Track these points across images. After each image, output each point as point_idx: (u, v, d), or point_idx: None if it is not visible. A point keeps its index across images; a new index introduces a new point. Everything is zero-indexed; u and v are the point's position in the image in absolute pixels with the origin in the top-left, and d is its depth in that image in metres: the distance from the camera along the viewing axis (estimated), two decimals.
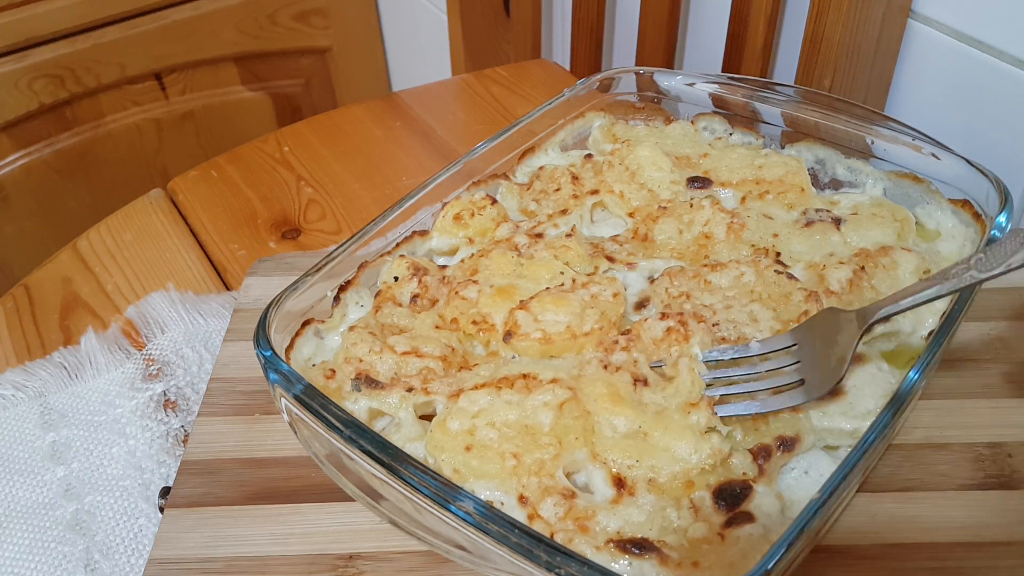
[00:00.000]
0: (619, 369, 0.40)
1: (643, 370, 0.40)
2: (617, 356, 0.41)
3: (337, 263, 0.47)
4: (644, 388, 0.40)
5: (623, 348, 0.41)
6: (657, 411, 0.39)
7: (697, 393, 0.39)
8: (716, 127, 0.60)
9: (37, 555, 0.45)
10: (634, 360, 0.41)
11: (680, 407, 0.39)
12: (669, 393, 0.39)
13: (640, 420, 0.38)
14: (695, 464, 0.37)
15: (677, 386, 0.39)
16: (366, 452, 0.35)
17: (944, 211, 0.50)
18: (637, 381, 0.40)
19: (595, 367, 0.40)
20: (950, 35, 0.62)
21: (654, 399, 0.39)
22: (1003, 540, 0.39)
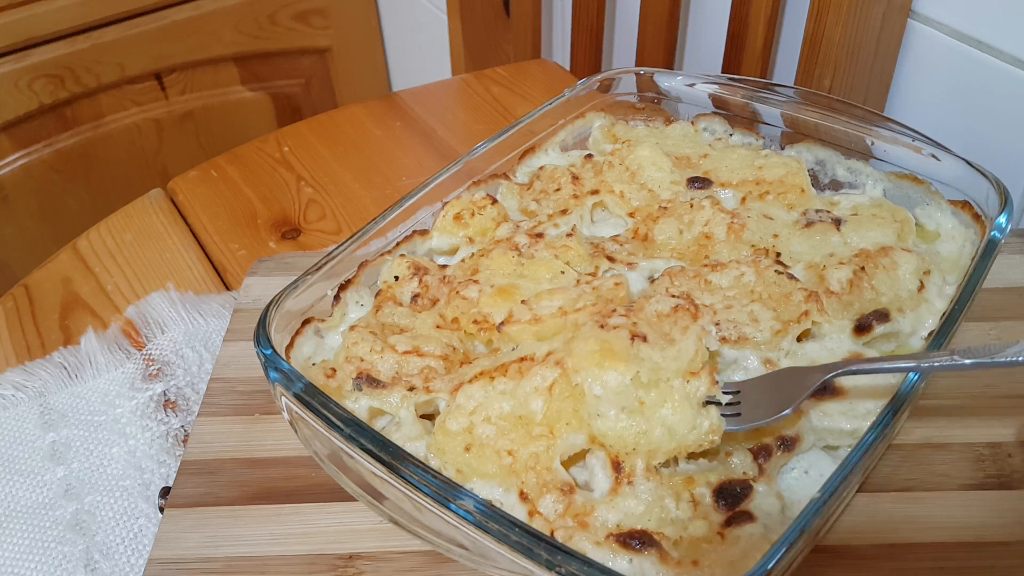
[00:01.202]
0: (617, 328, 0.37)
1: (643, 329, 0.37)
2: (615, 319, 0.38)
3: (337, 262, 0.47)
4: (643, 344, 0.37)
5: (622, 315, 0.38)
6: (653, 368, 0.36)
7: (699, 361, 0.37)
8: (716, 128, 0.60)
9: (37, 555, 0.45)
10: (634, 323, 0.38)
11: (680, 372, 0.36)
12: (669, 355, 0.37)
13: (632, 371, 0.35)
14: (693, 441, 0.35)
15: (680, 349, 0.37)
16: (367, 451, 0.35)
17: (944, 212, 0.50)
18: (636, 336, 0.37)
19: (590, 327, 0.38)
20: (950, 35, 0.62)
21: (651, 355, 0.36)
22: (1003, 540, 0.40)
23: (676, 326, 0.38)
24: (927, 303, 0.44)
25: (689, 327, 0.38)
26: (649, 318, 0.39)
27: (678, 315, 0.39)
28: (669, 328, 0.38)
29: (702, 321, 0.39)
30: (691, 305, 0.39)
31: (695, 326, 0.38)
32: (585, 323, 0.39)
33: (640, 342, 0.37)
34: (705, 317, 0.39)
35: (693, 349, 0.37)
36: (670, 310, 0.39)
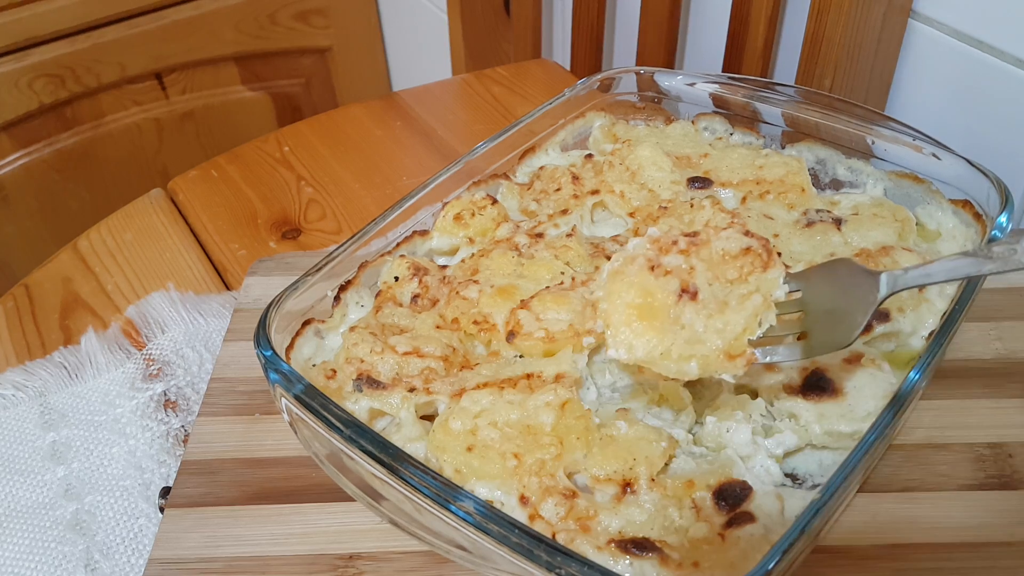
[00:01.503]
0: (669, 273, 0.32)
1: (698, 280, 0.32)
2: (671, 258, 0.33)
3: (337, 263, 0.47)
4: (689, 304, 0.32)
5: (682, 251, 0.33)
6: (689, 341, 0.32)
7: (744, 341, 0.32)
8: (717, 127, 0.60)
9: (37, 555, 0.45)
10: (691, 268, 0.33)
11: (718, 352, 0.31)
12: (714, 326, 0.32)
13: (666, 343, 0.31)
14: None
15: (728, 322, 0.32)
16: (366, 452, 0.35)
17: (945, 211, 0.50)
18: (685, 292, 0.32)
19: (638, 267, 0.33)
20: (951, 35, 0.62)
21: (694, 322, 0.32)
22: (1003, 540, 0.39)
23: (738, 279, 0.32)
24: (928, 303, 0.44)
25: (749, 297, 0.32)
26: (712, 257, 0.33)
27: (746, 260, 0.33)
28: (731, 275, 0.33)
29: (773, 272, 0.33)
30: (765, 251, 0.33)
31: (754, 299, 0.32)
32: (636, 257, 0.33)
33: (688, 301, 0.32)
34: (778, 268, 0.33)
35: (742, 325, 0.32)
36: (739, 251, 0.33)
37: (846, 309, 0.34)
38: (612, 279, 0.33)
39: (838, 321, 0.34)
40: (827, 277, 0.35)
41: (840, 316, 0.34)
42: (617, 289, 0.33)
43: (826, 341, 0.34)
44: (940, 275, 0.34)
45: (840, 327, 0.34)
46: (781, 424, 0.40)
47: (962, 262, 0.33)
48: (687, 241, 0.33)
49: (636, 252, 0.33)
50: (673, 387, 0.41)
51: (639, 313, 0.32)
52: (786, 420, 0.41)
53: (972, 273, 0.33)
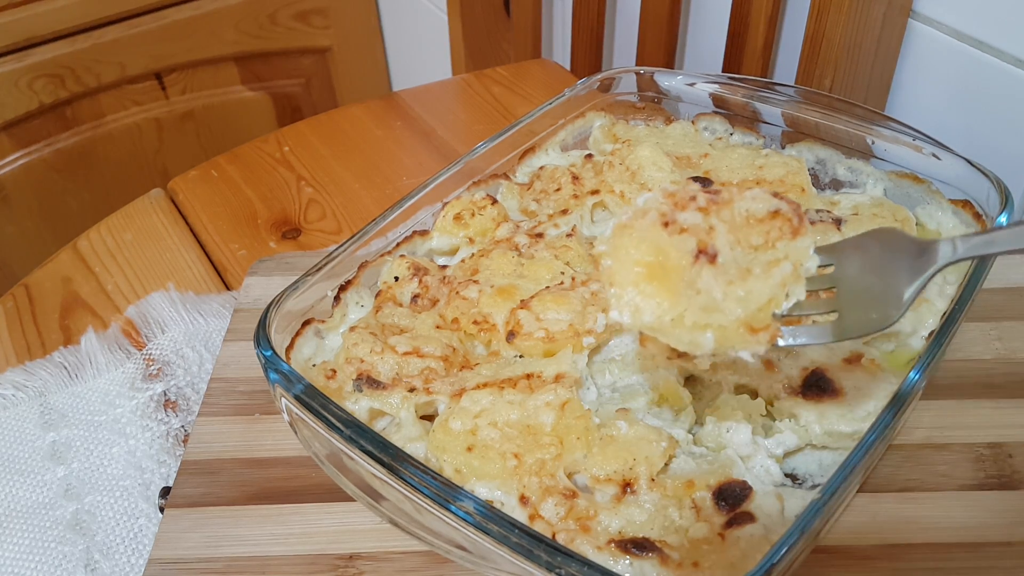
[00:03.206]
0: (684, 231, 0.27)
1: (718, 242, 0.27)
2: (688, 215, 0.28)
3: (337, 263, 0.47)
4: (707, 268, 0.27)
5: (700, 208, 0.28)
6: (705, 308, 0.27)
7: (768, 314, 0.28)
8: (717, 127, 0.60)
9: (37, 555, 0.45)
10: (710, 227, 0.28)
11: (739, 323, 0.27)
12: (736, 293, 0.27)
13: (677, 308, 0.27)
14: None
15: (751, 290, 0.27)
16: (366, 452, 0.35)
17: (945, 211, 0.50)
18: (702, 253, 0.27)
19: (650, 222, 0.28)
20: (951, 35, 0.62)
21: (711, 288, 0.27)
22: (1003, 541, 0.39)
23: (764, 245, 0.28)
24: (928, 303, 0.44)
25: (778, 263, 0.28)
26: (734, 219, 0.28)
27: (774, 225, 0.28)
28: (756, 240, 0.28)
29: (803, 240, 0.28)
30: (795, 215, 0.28)
31: (783, 267, 0.27)
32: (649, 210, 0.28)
33: (705, 263, 0.27)
34: (809, 236, 0.29)
35: (767, 295, 0.27)
36: (766, 214, 0.28)
37: (887, 285, 0.29)
38: (619, 233, 0.28)
39: (877, 299, 0.29)
40: (865, 249, 0.31)
41: (880, 293, 0.29)
42: (624, 244, 0.28)
43: (862, 321, 0.30)
44: (1005, 243, 0.29)
45: (879, 305, 0.29)
46: (781, 424, 0.40)
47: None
48: (707, 198, 0.28)
49: (649, 205, 0.28)
50: (673, 387, 0.41)
51: (649, 273, 0.27)
52: (786, 420, 0.41)
53: None
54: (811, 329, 0.30)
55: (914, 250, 0.30)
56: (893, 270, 0.30)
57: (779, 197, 0.29)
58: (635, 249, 0.28)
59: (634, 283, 0.28)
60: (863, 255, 0.31)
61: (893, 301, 0.29)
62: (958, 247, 0.30)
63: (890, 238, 0.31)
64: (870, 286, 0.30)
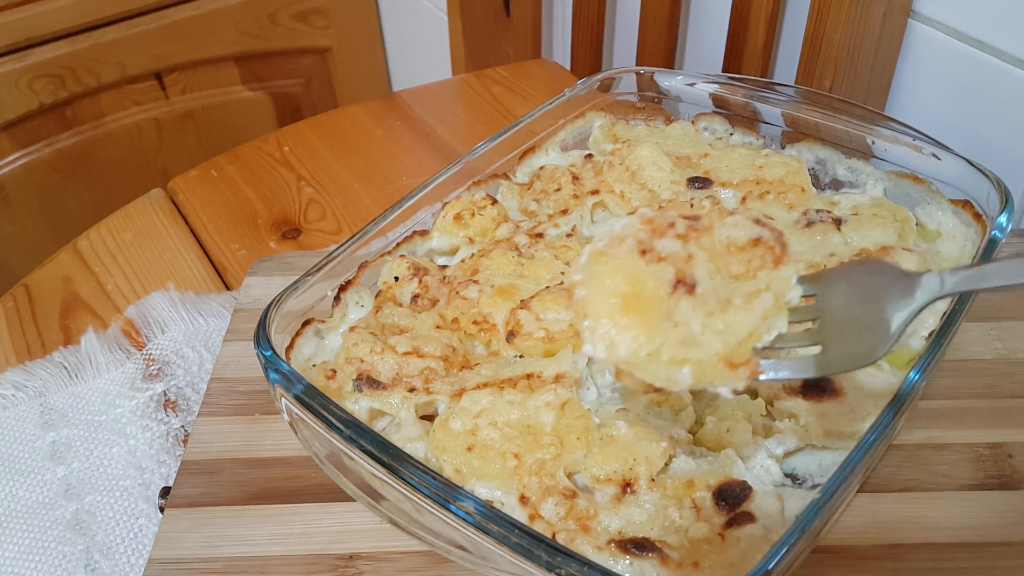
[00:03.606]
0: (663, 260, 0.27)
1: (698, 272, 0.26)
2: (667, 243, 0.27)
3: (337, 263, 0.47)
4: (686, 299, 0.26)
5: (680, 235, 0.27)
6: (684, 342, 0.26)
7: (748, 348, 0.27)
8: (717, 127, 0.60)
9: (37, 555, 0.45)
10: (689, 255, 0.27)
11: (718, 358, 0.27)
12: (716, 326, 0.27)
13: (654, 343, 0.26)
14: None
15: (731, 323, 0.26)
16: (366, 452, 0.35)
17: (945, 211, 0.50)
18: (681, 283, 0.26)
19: (627, 250, 0.27)
20: (951, 35, 0.62)
21: (690, 320, 0.26)
22: (1003, 541, 0.39)
23: (745, 274, 0.27)
24: None
25: (759, 294, 0.27)
26: (715, 246, 0.27)
27: (755, 253, 0.27)
28: (736, 269, 0.27)
29: (786, 270, 0.27)
30: (778, 243, 0.27)
31: (763, 298, 0.27)
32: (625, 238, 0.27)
33: (684, 294, 0.26)
34: (791, 265, 0.28)
35: (747, 328, 0.26)
36: (748, 242, 0.27)
37: (871, 318, 0.28)
38: (594, 261, 0.27)
39: (862, 332, 0.28)
40: (850, 279, 0.30)
41: (865, 326, 0.28)
42: (600, 273, 0.27)
43: (846, 355, 0.29)
44: (998, 278, 0.27)
45: (863, 339, 0.28)
46: (781, 424, 0.40)
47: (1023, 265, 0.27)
48: (686, 224, 0.27)
49: (626, 232, 0.27)
50: None
51: (625, 304, 0.26)
52: (786, 420, 0.41)
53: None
54: (793, 362, 0.29)
55: (902, 283, 0.29)
56: (879, 303, 0.28)
57: (761, 224, 0.28)
58: (611, 279, 0.27)
59: (609, 315, 0.27)
60: (848, 286, 0.30)
61: (880, 335, 0.28)
62: (947, 282, 0.29)
63: (876, 270, 0.30)
64: (855, 318, 0.29)
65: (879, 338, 0.28)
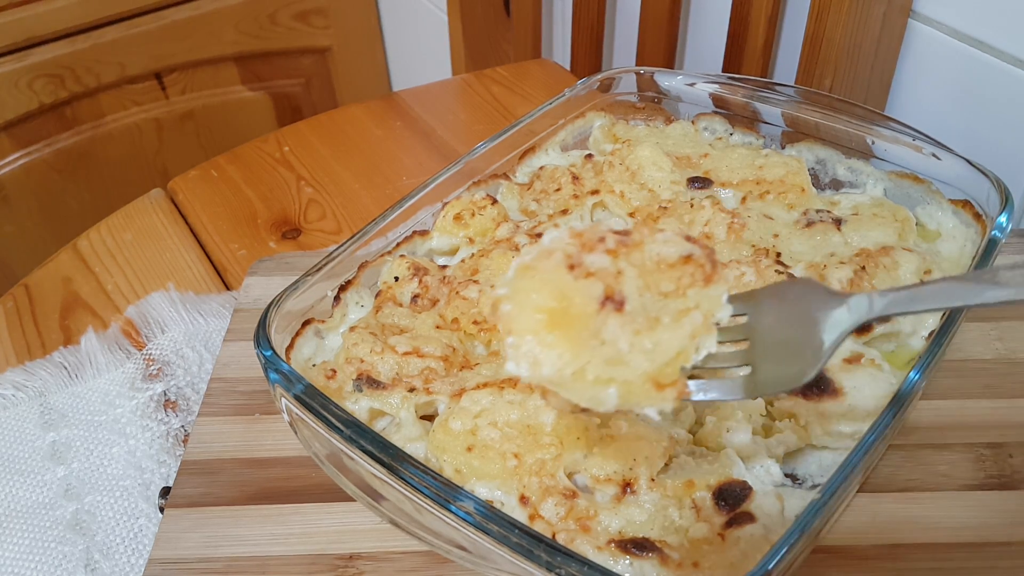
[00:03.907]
0: (591, 275, 0.26)
1: (627, 288, 0.26)
2: (596, 258, 0.26)
3: (337, 263, 0.47)
4: (613, 316, 0.26)
5: (609, 250, 0.27)
6: (610, 361, 0.26)
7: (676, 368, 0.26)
8: (717, 127, 0.60)
9: (37, 555, 0.45)
10: (618, 271, 0.26)
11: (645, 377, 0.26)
12: (644, 345, 0.26)
13: (579, 362, 0.26)
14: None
15: (659, 340, 0.26)
16: (366, 452, 0.35)
17: (945, 211, 0.50)
18: (609, 300, 0.26)
19: (555, 264, 0.26)
20: (951, 35, 0.62)
21: (617, 339, 0.26)
22: (1003, 541, 0.39)
23: (674, 292, 0.27)
24: None
25: (686, 314, 0.27)
26: (645, 262, 0.27)
27: (685, 270, 0.27)
28: (666, 286, 0.27)
29: (716, 288, 0.27)
30: (708, 260, 0.27)
31: (692, 317, 0.27)
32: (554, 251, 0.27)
33: (612, 311, 0.26)
34: (722, 284, 0.28)
35: (675, 348, 0.26)
36: (679, 259, 0.27)
37: (801, 340, 0.28)
38: (521, 275, 0.26)
39: (790, 354, 0.28)
40: (779, 300, 0.29)
41: (793, 349, 0.28)
42: (525, 288, 0.26)
43: (775, 378, 0.28)
44: (930, 301, 0.27)
45: (792, 362, 0.28)
46: (781, 424, 0.40)
47: (958, 287, 0.27)
48: (616, 239, 0.26)
49: (554, 246, 0.26)
50: None
51: (550, 320, 0.25)
52: (786, 420, 0.41)
53: (972, 302, 0.27)
54: (722, 384, 0.29)
55: (831, 304, 0.28)
56: (809, 324, 0.28)
57: (692, 241, 0.27)
58: (537, 294, 0.26)
59: (534, 331, 0.26)
60: (779, 306, 0.29)
61: (810, 357, 0.28)
62: (876, 304, 0.28)
63: (807, 289, 0.29)
64: (786, 339, 0.28)
65: (809, 360, 0.28)
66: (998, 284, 0.27)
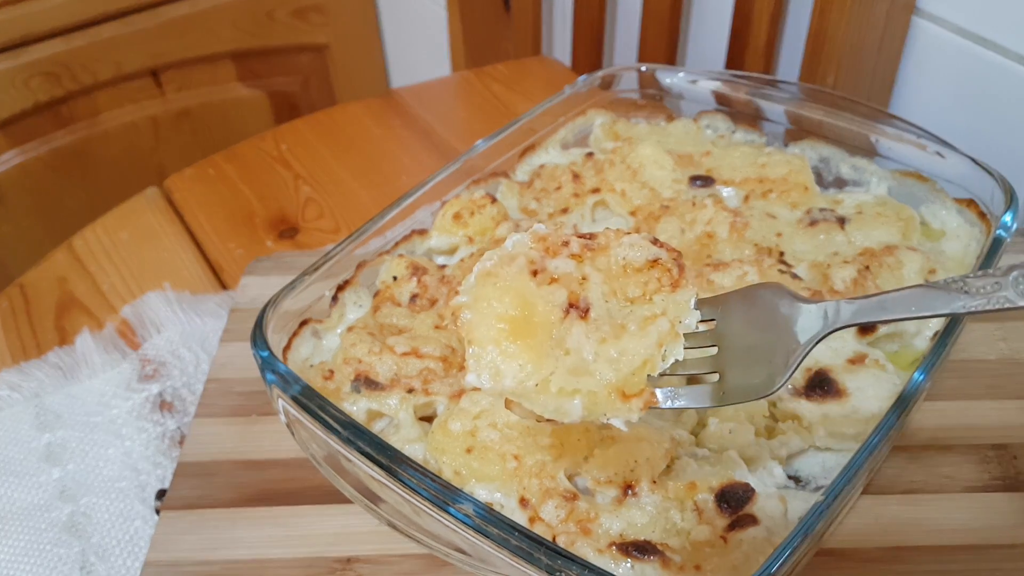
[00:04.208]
0: (555, 282, 0.25)
1: (591, 295, 0.25)
2: (560, 263, 0.26)
3: (335, 262, 0.46)
4: (577, 324, 0.25)
5: (574, 255, 0.26)
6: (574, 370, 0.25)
7: (642, 377, 0.25)
8: (719, 125, 0.59)
9: (33, 557, 0.45)
10: (583, 277, 0.26)
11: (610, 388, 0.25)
12: (609, 354, 0.25)
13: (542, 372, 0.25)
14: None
15: (623, 350, 0.25)
16: (364, 454, 0.34)
17: (949, 210, 0.50)
18: (573, 307, 0.25)
19: (517, 270, 0.25)
20: (955, 32, 0.61)
21: (582, 348, 0.25)
22: (1008, 543, 0.39)
23: (641, 297, 0.26)
24: None
25: (653, 321, 0.25)
26: (610, 267, 0.26)
27: (652, 275, 0.26)
28: (632, 292, 0.26)
29: (683, 293, 0.26)
30: (675, 265, 0.26)
31: (659, 324, 0.25)
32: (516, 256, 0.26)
33: (576, 319, 0.25)
34: (690, 288, 0.27)
35: (642, 357, 0.25)
36: (645, 263, 0.26)
37: (770, 347, 0.27)
38: (482, 282, 0.25)
39: (759, 362, 0.27)
40: (748, 305, 0.28)
41: (762, 356, 0.27)
42: (487, 296, 0.25)
43: (743, 386, 0.27)
44: (898, 310, 0.26)
45: (761, 370, 0.27)
46: (784, 425, 0.40)
47: (927, 295, 0.26)
48: (581, 244, 0.26)
49: (516, 251, 0.25)
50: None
51: (512, 329, 0.25)
52: (789, 421, 0.40)
53: (942, 311, 0.26)
54: (690, 391, 0.28)
55: (800, 310, 0.28)
56: (777, 330, 0.27)
57: (659, 245, 0.26)
58: (498, 301, 0.25)
59: (495, 341, 0.25)
60: (747, 311, 0.28)
61: (777, 365, 0.27)
62: (840, 314, 0.27)
63: (775, 295, 0.28)
64: (754, 345, 0.27)
65: (777, 368, 0.27)
66: (968, 294, 0.26)
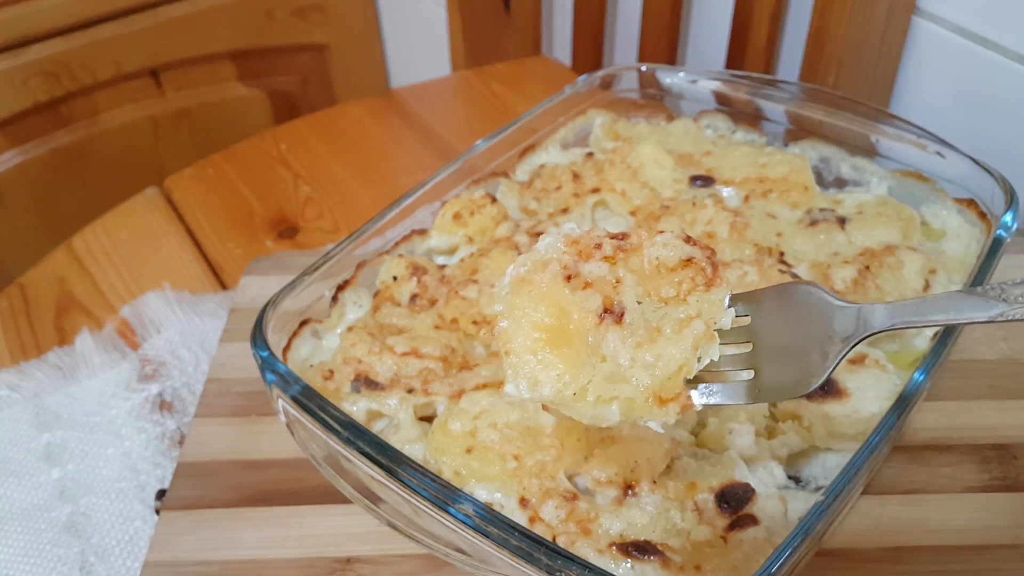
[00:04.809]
0: (589, 286, 0.25)
1: (625, 298, 0.25)
2: (593, 266, 0.26)
3: (335, 262, 0.46)
4: (613, 329, 0.25)
5: (607, 257, 0.26)
6: (611, 377, 0.25)
7: (680, 381, 0.26)
8: (719, 125, 0.59)
9: (32, 558, 0.45)
10: (617, 279, 0.26)
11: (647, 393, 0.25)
12: (645, 359, 0.25)
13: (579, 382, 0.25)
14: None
15: (660, 354, 0.25)
16: (364, 454, 0.34)
17: (949, 210, 0.50)
18: (608, 313, 0.25)
19: (551, 276, 0.26)
20: (955, 32, 0.61)
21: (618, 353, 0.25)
22: (1008, 543, 0.39)
23: (675, 298, 0.26)
24: None
25: (688, 323, 0.26)
26: (644, 267, 0.27)
27: (686, 275, 0.26)
28: (667, 292, 0.26)
29: (718, 292, 0.26)
30: (709, 264, 0.26)
31: (694, 327, 0.26)
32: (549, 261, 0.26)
33: (611, 324, 0.25)
34: (724, 287, 0.27)
35: (677, 361, 0.25)
36: (677, 263, 0.26)
37: (805, 346, 0.27)
38: (516, 289, 0.26)
39: (795, 361, 0.27)
40: (783, 303, 0.28)
41: (798, 355, 0.27)
42: (522, 304, 0.25)
43: (779, 385, 0.27)
44: (936, 315, 0.27)
45: (797, 369, 0.27)
46: (784, 425, 0.40)
47: (966, 302, 0.26)
48: (614, 245, 0.26)
49: (549, 255, 0.26)
50: None
51: (549, 338, 0.25)
52: (789, 421, 0.40)
53: (979, 318, 0.26)
54: (725, 388, 0.27)
55: (838, 312, 0.28)
56: (813, 330, 0.27)
57: (692, 243, 0.26)
58: (534, 310, 0.25)
59: (532, 351, 0.25)
60: (782, 308, 0.28)
61: (814, 366, 0.27)
62: (880, 315, 0.27)
63: (810, 295, 0.28)
64: (789, 343, 0.27)
65: (813, 369, 0.27)
66: (1006, 301, 0.26)
